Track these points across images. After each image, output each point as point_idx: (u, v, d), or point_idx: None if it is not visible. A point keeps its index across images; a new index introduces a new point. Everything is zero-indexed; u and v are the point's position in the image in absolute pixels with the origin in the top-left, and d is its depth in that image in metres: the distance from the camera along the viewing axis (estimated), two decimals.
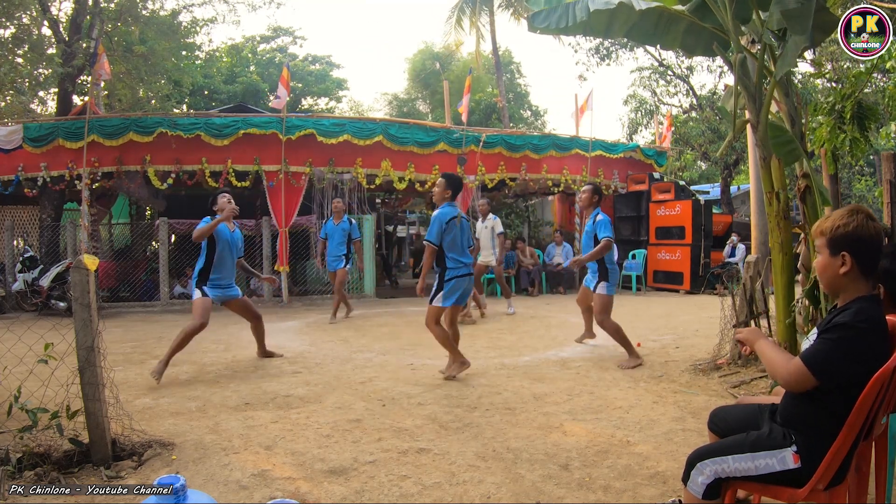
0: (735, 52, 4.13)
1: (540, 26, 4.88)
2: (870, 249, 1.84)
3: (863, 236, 1.82)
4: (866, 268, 1.84)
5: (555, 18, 4.75)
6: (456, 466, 3.02)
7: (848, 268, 1.83)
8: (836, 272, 1.86)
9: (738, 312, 5.22)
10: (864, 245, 1.83)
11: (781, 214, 4.17)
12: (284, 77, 10.88)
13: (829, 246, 1.88)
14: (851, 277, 1.84)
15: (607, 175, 13.34)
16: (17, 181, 9.85)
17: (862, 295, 1.84)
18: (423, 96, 27.58)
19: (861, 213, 1.85)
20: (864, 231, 1.82)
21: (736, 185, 20.08)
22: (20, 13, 11.82)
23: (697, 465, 1.94)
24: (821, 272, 1.92)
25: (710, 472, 1.91)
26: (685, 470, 1.99)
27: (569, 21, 4.63)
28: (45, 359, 2.99)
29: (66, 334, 3.11)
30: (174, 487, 1.66)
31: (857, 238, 1.82)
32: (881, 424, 2.15)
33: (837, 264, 1.85)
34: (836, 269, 1.86)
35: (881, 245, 1.87)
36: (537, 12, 5.02)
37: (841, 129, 4.81)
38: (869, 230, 1.82)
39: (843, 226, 1.84)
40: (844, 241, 1.84)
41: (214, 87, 21.84)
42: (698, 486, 1.92)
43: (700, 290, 11.71)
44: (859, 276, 1.84)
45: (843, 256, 1.84)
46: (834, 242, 1.86)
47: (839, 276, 1.86)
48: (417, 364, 5.50)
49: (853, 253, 1.83)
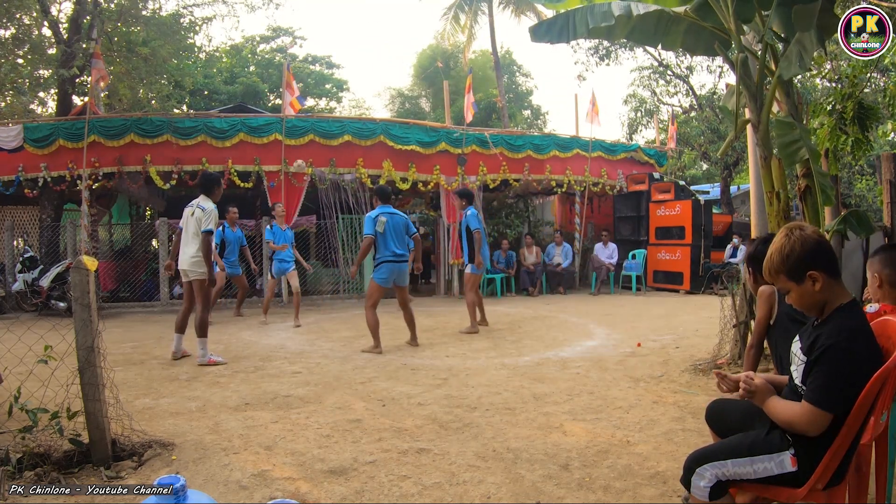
0: (737, 52, 4.12)
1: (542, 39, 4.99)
2: (824, 255, 1.84)
3: (812, 248, 1.83)
4: (833, 272, 1.85)
5: (556, 31, 4.82)
6: (456, 466, 3.02)
7: (822, 283, 1.83)
8: (813, 294, 1.85)
9: (738, 312, 5.21)
10: (817, 255, 1.83)
11: (781, 214, 4.17)
12: (289, 79, 10.84)
13: (792, 278, 1.86)
14: (827, 288, 1.84)
15: (611, 175, 13.35)
16: (18, 182, 9.85)
17: (837, 306, 1.84)
18: (427, 94, 27.60)
19: (795, 230, 1.86)
20: (809, 244, 1.83)
21: (736, 185, 20.06)
22: (20, 13, 11.81)
23: (697, 470, 1.93)
24: (801, 303, 1.90)
25: (711, 476, 1.91)
26: (684, 473, 1.99)
27: (569, 35, 4.70)
28: (44, 359, 2.99)
29: (66, 334, 3.11)
30: (174, 487, 1.66)
31: (808, 253, 1.82)
32: (881, 423, 2.15)
33: (810, 287, 1.84)
34: (812, 291, 1.84)
35: (828, 245, 1.88)
36: (538, 25, 5.18)
37: (842, 129, 4.81)
38: (811, 240, 1.83)
39: (791, 251, 1.84)
40: (801, 263, 1.83)
41: (214, 88, 21.84)
42: (701, 490, 1.92)
43: (700, 290, 11.72)
44: (833, 283, 1.85)
45: (810, 277, 1.83)
46: (793, 271, 1.85)
47: (818, 295, 1.85)
48: (417, 364, 5.50)
49: (816, 267, 1.82)
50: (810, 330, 1.91)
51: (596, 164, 13.06)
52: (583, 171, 12.87)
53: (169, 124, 10.05)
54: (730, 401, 2.33)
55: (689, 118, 18.23)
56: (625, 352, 6.02)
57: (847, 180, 15.79)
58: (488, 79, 25.32)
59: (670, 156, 15.00)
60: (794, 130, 3.91)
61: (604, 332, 7.26)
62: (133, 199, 12.90)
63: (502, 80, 23.41)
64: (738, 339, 5.21)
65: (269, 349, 6.37)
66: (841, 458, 1.80)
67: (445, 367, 5.32)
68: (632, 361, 5.53)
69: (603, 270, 12.30)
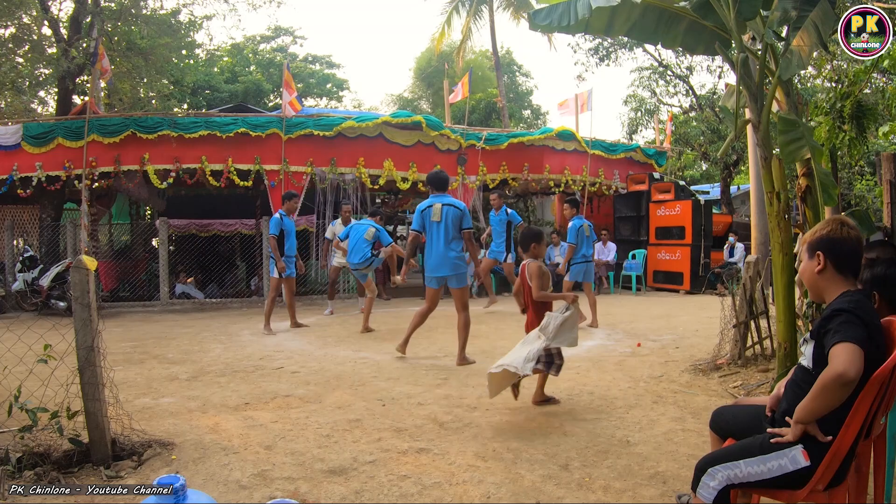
0: (737, 52, 4.12)
1: (541, 24, 4.85)
2: (843, 250, 1.97)
3: (835, 238, 1.98)
4: (841, 266, 1.97)
5: (556, 16, 4.72)
6: (456, 466, 3.02)
7: (822, 266, 1.98)
8: (812, 272, 2.02)
9: (738, 312, 5.22)
10: (836, 246, 1.97)
11: (782, 214, 4.16)
12: (288, 79, 10.83)
13: (807, 250, 2.05)
14: (828, 277, 1.98)
15: (608, 175, 13.34)
16: (11, 181, 9.76)
17: (845, 290, 1.95)
18: (427, 95, 27.60)
19: (837, 221, 2.03)
20: (836, 234, 1.99)
21: (736, 185, 20.07)
22: (20, 13, 11.82)
23: (709, 470, 1.91)
24: (802, 275, 2.09)
25: (722, 478, 1.89)
26: (694, 476, 1.96)
27: (570, 19, 4.59)
28: (44, 358, 2.99)
29: (66, 334, 3.11)
30: (174, 487, 1.66)
31: (829, 240, 1.99)
32: (880, 424, 2.15)
33: (814, 265, 2.01)
34: (812, 269, 2.02)
35: (857, 248, 1.99)
36: (538, 10, 4.98)
37: (840, 128, 4.82)
38: (841, 234, 1.98)
39: (820, 231, 2.03)
40: (819, 243, 2.01)
41: (215, 87, 21.84)
42: (709, 490, 1.90)
43: (700, 290, 11.72)
44: (836, 276, 1.97)
45: (818, 256, 2.00)
46: (811, 246, 2.03)
47: (815, 276, 2.01)
48: (417, 364, 5.50)
49: (826, 253, 1.98)
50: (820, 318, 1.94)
51: (594, 164, 13.05)
52: (581, 170, 12.86)
53: (168, 122, 10.03)
54: (734, 408, 2.34)
55: (689, 118, 18.22)
56: (624, 352, 6.02)
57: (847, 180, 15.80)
58: (488, 79, 25.32)
59: (670, 156, 15.00)
60: (798, 128, 3.89)
61: (603, 332, 7.26)
62: (133, 199, 12.89)
63: (502, 80, 23.39)
64: (737, 339, 5.21)
65: (269, 349, 6.37)
66: (842, 459, 1.80)
67: (445, 367, 5.32)
68: (632, 361, 5.53)
69: (602, 270, 12.30)
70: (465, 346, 5.46)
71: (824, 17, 3.76)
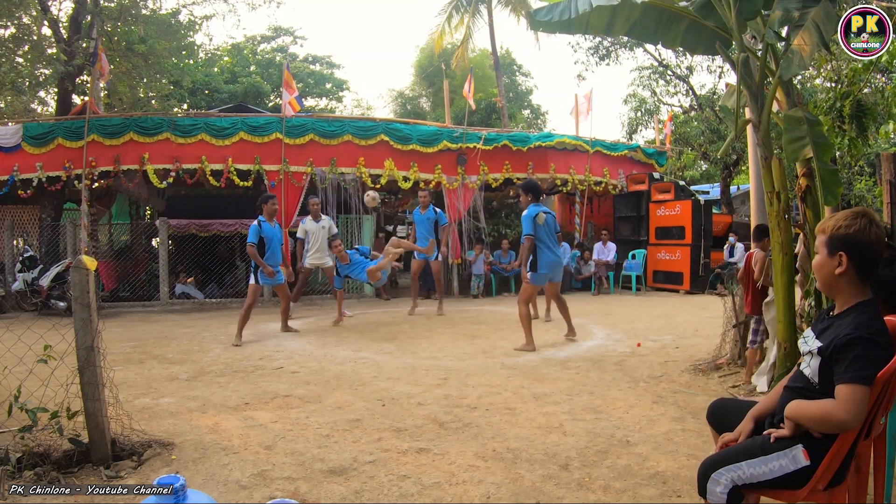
0: (738, 52, 4.12)
1: (543, 20, 4.87)
2: (868, 254, 1.82)
3: (862, 240, 1.81)
4: (863, 272, 1.83)
5: (557, 13, 4.74)
6: (456, 466, 3.02)
7: (843, 269, 1.82)
8: (831, 272, 1.85)
9: (738, 312, 5.22)
10: (861, 248, 1.81)
11: (782, 214, 4.16)
12: (288, 79, 10.82)
13: (827, 245, 1.87)
14: (847, 280, 1.84)
15: (612, 174, 13.33)
16: (12, 181, 9.77)
17: (860, 301, 1.83)
18: (427, 94, 27.60)
19: (865, 218, 1.83)
20: (864, 235, 1.81)
21: (736, 185, 20.06)
22: (20, 13, 11.81)
23: (712, 475, 1.90)
24: (817, 270, 1.91)
25: (727, 481, 1.87)
26: (699, 481, 1.94)
27: (571, 14, 4.61)
28: (44, 358, 2.99)
29: (66, 334, 3.10)
30: (174, 487, 1.66)
31: (856, 241, 1.81)
32: (880, 424, 2.15)
33: (834, 264, 1.84)
34: (831, 268, 1.85)
35: (881, 252, 1.85)
36: (539, 9, 5.02)
37: (840, 128, 4.81)
38: (870, 235, 1.81)
39: (845, 227, 1.83)
40: (843, 242, 1.83)
41: (215, 87, 21.84)
42: (718, 496, 1.87)
43: (701, 290, 11.72)
44: (855, 279, 1.83)
45: (839, 257, 1.83)
46: (832, 242, 1.85)
47: (834, 277, 1.85)
48: (417, 364, 5.50)
49: (850, 255, 1.82)
50: (826, 319, 1.90)
51: (597, 163, 13.03)
52: (583, 170, 12.85)
53: (168, 122, 10.03)
54: (732, 404, 2.33)
55: (689, 118, 18.22)
56: (624, 352, 6.02)
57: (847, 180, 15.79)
58: (488, 78, 25.30)
59: (669, 156, 14.99)
60: (802, 126, 3.87)
61: (603, 332, 7.26)
62: (133, 199, 12.89)
63: (502, 80, 23.38)
64: (737, 339, 5.21)
65: (268, 349, 6.37)
66: (843, 458, 1.79)
67: (445, 367, 5.32)
68: (631, 361, 5.53)
69: (602, 270, 12.29)
70: (570, 319, 6.77)
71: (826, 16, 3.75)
